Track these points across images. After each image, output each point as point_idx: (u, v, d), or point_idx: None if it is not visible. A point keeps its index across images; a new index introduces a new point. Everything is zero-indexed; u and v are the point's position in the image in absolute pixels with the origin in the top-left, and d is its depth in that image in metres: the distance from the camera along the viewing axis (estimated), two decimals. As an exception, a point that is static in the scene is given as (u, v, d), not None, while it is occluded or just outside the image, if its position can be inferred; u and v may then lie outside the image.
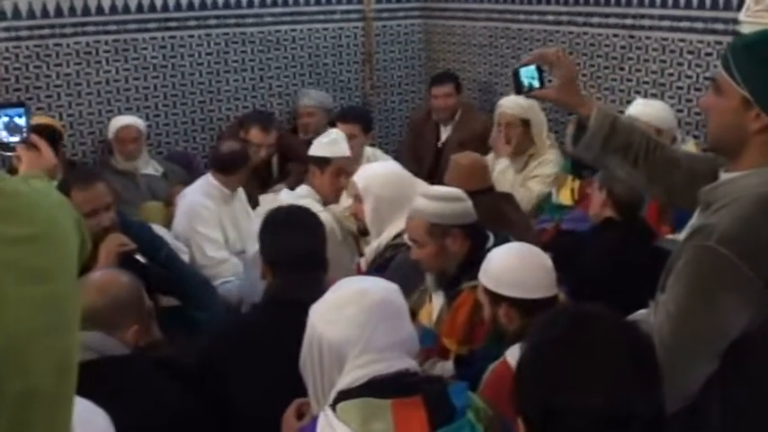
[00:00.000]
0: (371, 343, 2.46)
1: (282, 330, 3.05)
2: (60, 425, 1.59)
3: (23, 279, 1.49)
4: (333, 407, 2.41)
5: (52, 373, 1.54)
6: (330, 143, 5.16)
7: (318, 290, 3.18)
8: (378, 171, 4.62)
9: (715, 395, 2.40)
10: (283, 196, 5.16)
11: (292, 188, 5.51)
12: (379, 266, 4.21)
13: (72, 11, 6.68)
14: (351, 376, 2.46)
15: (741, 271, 2.31)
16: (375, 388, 2.42)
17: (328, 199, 5.07)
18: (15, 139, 2.65)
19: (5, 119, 2.68)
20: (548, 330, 1.86)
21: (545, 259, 3.23)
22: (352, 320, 2.48)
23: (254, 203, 5.73)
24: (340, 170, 5.10)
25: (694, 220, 2.60)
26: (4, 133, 2.65)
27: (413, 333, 2.61)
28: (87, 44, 6.79)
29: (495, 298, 3.17)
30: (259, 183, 6.31)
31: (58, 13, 6.64)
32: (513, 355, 2.94)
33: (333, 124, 6.13)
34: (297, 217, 3.58)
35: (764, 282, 2.31)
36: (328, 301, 2.59)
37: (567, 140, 2.96)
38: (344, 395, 2.42)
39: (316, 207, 4.90)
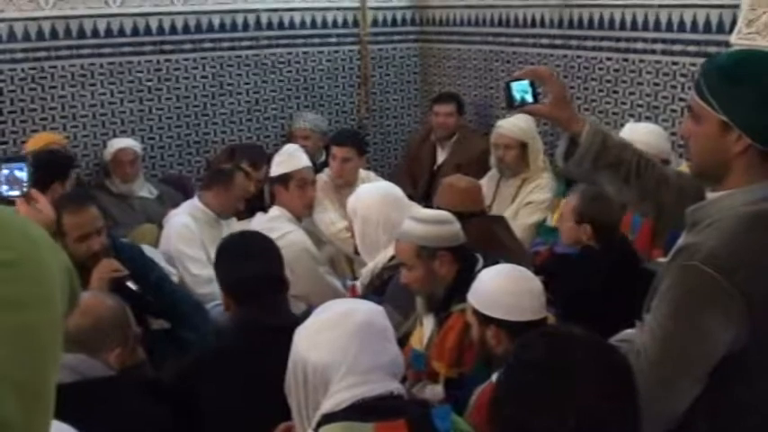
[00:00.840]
0: (355, 366, 2.45)
1: (253, 356, 3.06)
2: None
3: None
4: (316, 430, 2.40)
5: (19, 406, 1.43)
6: (287, 158, 5.19)
7: (284, 312, 3.19)
8: (366, 193, 4.62)
9: (701, 417, 2.38)
10: (255, 221, 5.15)
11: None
12: (377, 289, 4.19)
13: (67, 33, 6.71)
14: (335, 399, 2.45)
15: (725, 289, 2.29)
16: (359, 411, 2.41)
17: (300, 214, 5.09)
18: (15, 192, 2.65)
19: (6, 171, 2.68)
20: (524, 353, 1.85)
21: (535, 282, 3.21)
22: (335, 343, 2.47)
23: None
24: (303, 181, 5.13)
25: (680, 241, 2.59)
26: (5, 187, 2.65)
27: (398, 355, 2.60)
28: (82, 66, 6.80)
29: (484, 319, 3.15)
30: (252, 215, 6.28)
31: (54, 35, 6.66)
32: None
33: (327, 147, 6.13)
34: (250, 243, 3.58)
35: (747, 300, 2.30)
36: (312, 324, 2.58)
37: (558, 156, 2.95)
38: (328, 418, 2.41)
39: (287, 227, 4.91)
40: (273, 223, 4.85)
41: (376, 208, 4.44)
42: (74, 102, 6.83)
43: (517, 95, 2.88)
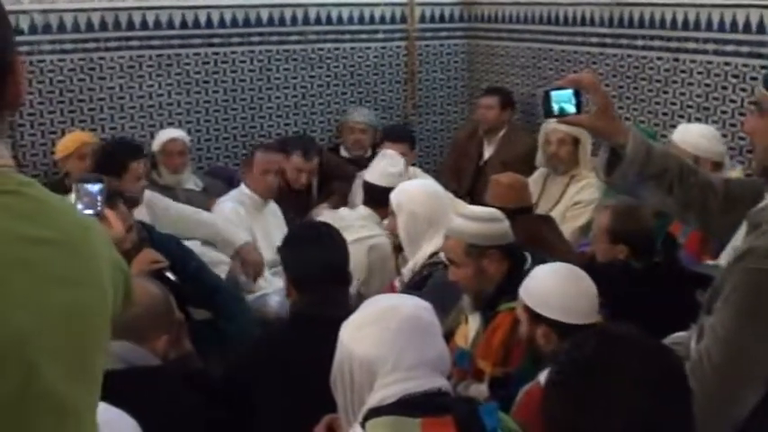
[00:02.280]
0: (401, 361, 2.43)
1: (309, 347, 3.04)
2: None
3: (39, 280, 1.48)
4: (362, 424, 2.38)
5: (66, 380, 1.51)
6: (396, 174, 5.18)
7: (344, 306, 3.18)
8: (411, 188, 4.62)
9: (763, 422, 2.34)
10: (343, 214, 5.18)
11: (336, 208, 5.52)
12: (416, 284, 4.18)
13: (116, 25, 6.73)
14: (381, 394, 2.43)
15: None
16: (405, 406, 2.38)
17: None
18: (90, 211, 2.67)
19: (82, 190, 2.71)
20: (575, 352, 1.82)
21: (590, 285, 3.18)
22: (381, 338, 2.45)
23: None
24: None
25: (740, 243, 2.54)
26: (80, 206, 2.68)
27: (444, 351, 2.57)
28: (131, 58, 6.83)
29: (536, 318, 3.13)
30: (301, 206, 6.29)
31: (103, 27, 6.69)
32: (546, 377, 2.90)
33: (378, 144, 6.11)
34: (319, 233, 3.58)
35: None
36: (358, 319, 2.56)
37: (599, 169, 2.85)
38: (375, 412, 2.39)
39: (377, 229, 4.92)
40: (365, 222, 4.87)
41: (422, 203, 4.43)
42: (122, 93, 6.85)
43: (555, 106, 2.73)
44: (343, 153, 7.07)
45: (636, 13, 6.31)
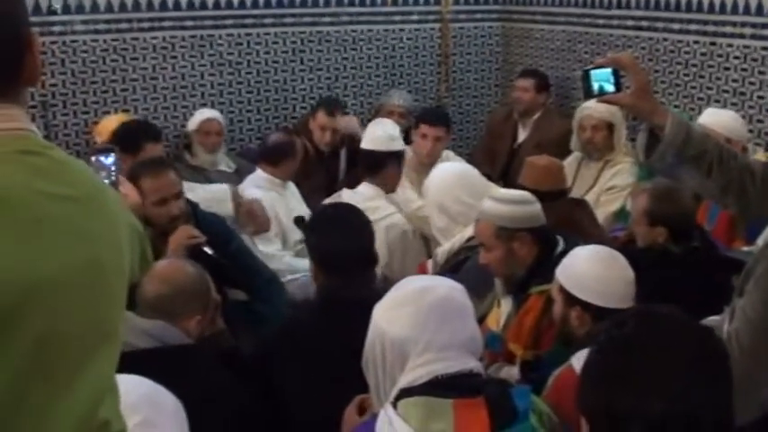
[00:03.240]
0: (433, 342, 2.43)
1: (337, 329, 3.05)
2: (89, 378, 1.62)
3: (61, 232, 1.57)
4: (394, 404, 2.38)
5: (83, 325, 1.60)
6: (395, 137, 5.14)
7: (371, 287, 3.17)
8: (441, 174, 4.60)
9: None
10: (347, 198, 5.05)
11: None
12: (452, 268, 4.16)
13: (149, 6, 6.75)
14: (412, 374, 2.43)
15: None
16: (437, 387, 2.39)
17: (392, 191, 5.04)
18: (104, 181, 2.69)
19: (94, 160, 2.73)
20: (614, 330, 1.79)
21: (628, 270, 3.16)
22: (413, 319, 2.45)
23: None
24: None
25: None
26: None
27: (476, 333, 2.57)
28: (164, 39, 6.84)
29: (571, 299, 3.12)
30: (326, 176, 6.31)
31: (136, 7, 6.70)
32: (579, 360, 2.86)
33: (414, 126, 6.08)
34: (344, 216, 3.58)
35: None
36: (391, 299, 2.56)
37: (639, 150, 2.85)
38: (406, 393, 2.39)
39: (388, 207, 4.89)
40: (375, 202, 4.81)
41: (448, 191, 4.41)
42: (154, 74, 6.87)
43: (595, 85, 2.77)
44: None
45: (672, -3, 6.25)
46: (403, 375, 2.44)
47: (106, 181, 2.71)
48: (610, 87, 2.76)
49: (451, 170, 4.69)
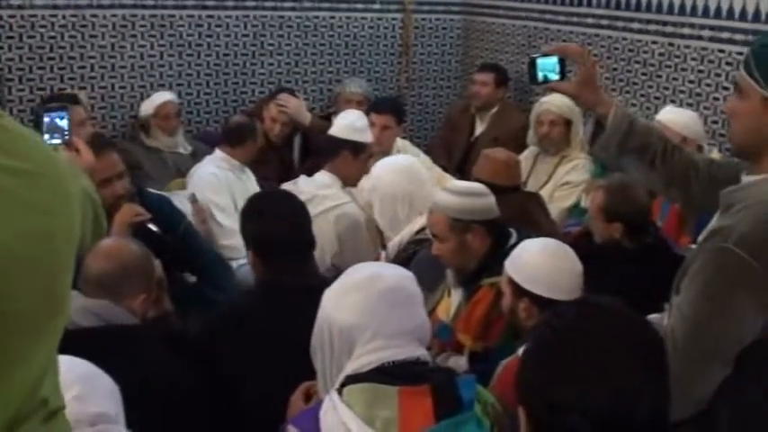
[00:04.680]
0: (382, 329, 2.43)
1: (279, 316, 3.05)
2: (38, 354, 1.61)
3: (14, 207, 1.53)
4: (339, 390, 2.38)
5: (34, 301, 1.57)
6: (366, 128, 5.14)
7: (310, 272, 3.17)
8: (385, 168, 4.59)
9: (727, 401, 2.35)
10: (303, 184, 5.07)
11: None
12: (402, 261, 4.14)
13: (114, -17, 6.71)
14: (359, 361, 2.43)
15: (758, 273, 2.30)
16: (384, 374, 2.39)
17: (354, 184, 5.02)
18: (57, 141, 2.67)
19: (47, 120, 2.70)
20: (554, 321, 1.80)
21: (577, 263, 3.18)
22: (362, 305, 2.45)
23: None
24: (370, 156, 5.08)
25: (713, 222, 2.57)
26: (47, 135, 2.67)
27: (425, 321, 2.57)
28: (124, 17, 6.80)
29: (519, 291, 3.13)
30: (279, 164, 6.32)
31: (97, -17, 6.66)
32: (525, 351, 2.90)
33: (366, 114, 6.08)
34: (278, 202, 3.57)
35: None
36: (340, 286, 2.55)
37: (585, 140, 2.92)
38: (352, 379, 2.40)
39: (343, 196, 4.87)
40: (328, 191, 4.80)
41: (395, 183, 4.41)
42: (113, 52, 6.82)
43: (540, 73, 2.85)
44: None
45: (632, -4, 6.30)
46: (350, 362, 2.44)
47: (57, 140, 2.69)
48: (554, 76, 2.85)
49: (394, 164, 4.67)
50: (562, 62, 2.84)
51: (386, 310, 2.45)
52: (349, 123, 5.12)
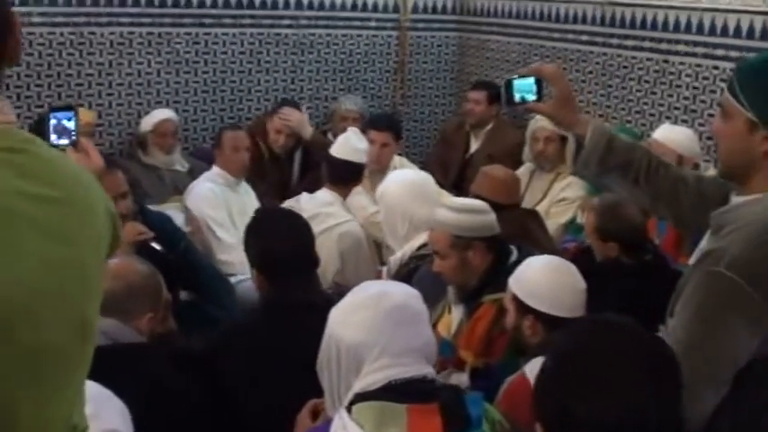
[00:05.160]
0: (389, 347, 2.45)
1: (284, 334, 3.06)
2: (73, 383, 1.63)
3: (44, 237, 1.54)
4: (348, 408, 2.40)
5: (68, 332, 1.58)
6: (361, 149, 5.18)
7: (314, 290, 3.19)
8: (394, 181, 4.65)
9: (726, 418, 2.37)
10: (305, 202, 5.10)
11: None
12: (404, 277, 4.18)
13: (108, 1, 6.73)
14: (367, 380, 2.44)
15: (751, 296, 2.30)
16: (392, 392, 2.40)
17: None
18: (64, 141, 2.68)
19: (54, 121, 2.71)
20: (570, 339, 1.85)
21: (580, 280, 3.21)
22: (369, 324, 2.47)
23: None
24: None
25: (704, 244, 2.59)
26: (54, 136, 2.69)
27: (431, 339, 2.59)
28: (121, 35, 6.81)
29: (524, 308, 3.16)
30: (280, 178, 6.37)
31: (94, 2, 6.68)
32: (531, 369, 2.92)
33: (363, 132, 6.11)
34: (281, 221, 3.61)
35: None
36: (347, 304, 2.57)
37: (568, 158, 2.94)
38: (361, 397, 2.41)
39: (344, 214, 4.91)
40: (331, 208, 4.83)
41: (399, 198, 4.46)
42: (110, 70, 6.83)
43: (517, 95, 2.86)
44: (332, 140, 7.05)
45: (628, 14, 6.33)
46: (358, 380, 2.46)
47: (65, 141, 2.70)
48: (531, 97, 2.85)
49: (403, 177, 4.72)
50: (539, 83, 2.85)
51: (393, 329, 2.46)
52: (351, 145, 5.20)
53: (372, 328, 2.46)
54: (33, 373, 1.52)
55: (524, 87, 2.85)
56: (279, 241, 3.40)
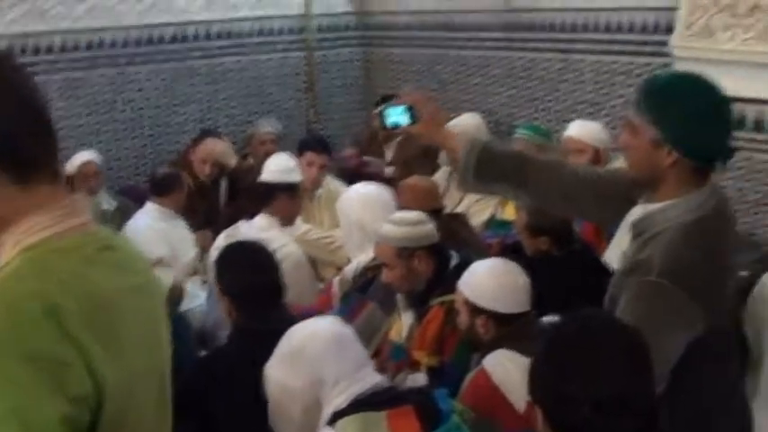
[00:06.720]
0: (341, 373, 2.69)
1: (258, 360, 3.20)
2: None
3: (142, 323, 1.62)
4: (331, 425, 2.60)
5: (155, 409, 1.66)
6: (293, 167, 5.30)
7: (285, 318, 3.35)
8: (352, 194, 4.80)
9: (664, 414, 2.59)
10: (244, 230, 5.13)
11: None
12: (360, 287, 4.35)
13: (22, 50, 6.74)
14: (335, 403, 2.66)
15: (684, 300, 2.51)
16: (364, 404, 2.62)
17: (291, 222, 5.20)
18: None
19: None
20: (561, 330, 2.20)
21: (524, 277, 3.44)
22: (313, 365, 2.70)
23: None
24: (303, 192, 5.31)
25: (626, 247, 2.74)
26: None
27: (363, 349, 2.88)
28: (38, 83, 6.81)
29: (476, 310, 3.38)
30: (208, 208, 6.47)
31: (9, 52, 6.67)
32: (490, 363, 3.19)
33: (298, 154, 6.19)
34: (251, 254, 3.75)
35: (704, 303, 2.52)
36: (284, 354, 2.80)
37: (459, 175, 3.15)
38: (339, 415, 2.60)
39: (282, 238, 5.00)
40: (268, 234, 4.88)
41: (354, 210, 4.60)
42: (30, 117, 6.84)
43: (390, 120, 3.12)
44: (251, 162, 7.15)
45: (526, 19, 6.60)
46: (325, 408, 2.67)
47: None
48: (404, 120, 3.09)
49: (360, 191, 4.84)
50: (411, 108, 3.08)
51: (336, 357, 2.71)
52: (279, 167, 5.25)
53: (319, 366, 2.70)
54: None
55: (396, 112, 3.10)
56: (252, 275, 3.55)
